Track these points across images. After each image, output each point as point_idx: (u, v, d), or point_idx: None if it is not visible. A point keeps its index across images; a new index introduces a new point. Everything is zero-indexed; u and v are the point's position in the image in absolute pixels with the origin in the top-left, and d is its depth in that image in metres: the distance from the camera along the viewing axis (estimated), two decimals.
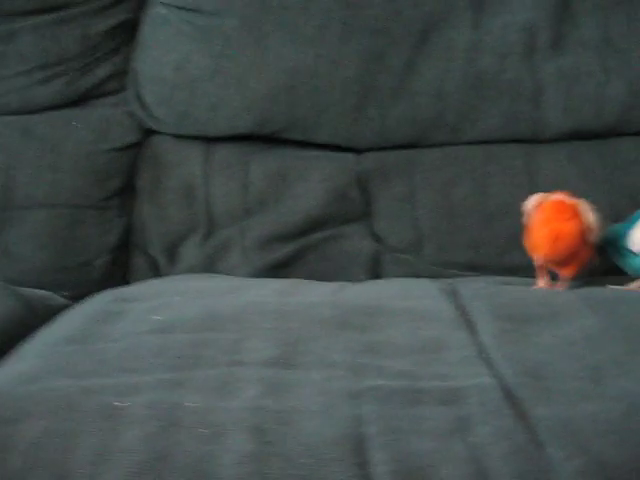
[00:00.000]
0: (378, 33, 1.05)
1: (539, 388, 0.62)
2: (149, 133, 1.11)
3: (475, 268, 1.02)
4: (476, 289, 0.90)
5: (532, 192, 1.02)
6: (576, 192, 0.99)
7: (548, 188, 1.02)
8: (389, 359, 0.68)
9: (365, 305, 0.80)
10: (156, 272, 1.06)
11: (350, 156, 1.07)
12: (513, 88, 1.06)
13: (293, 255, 1.04)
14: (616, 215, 1.02)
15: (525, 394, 0.61)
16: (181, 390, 0.61)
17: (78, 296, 0.98)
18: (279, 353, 0.67)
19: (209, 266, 1.05)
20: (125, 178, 1.09)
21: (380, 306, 0.80)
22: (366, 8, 1.05)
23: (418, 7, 1.06)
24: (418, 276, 1.01)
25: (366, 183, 1.06)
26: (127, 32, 1.12)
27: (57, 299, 0.97)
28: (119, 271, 1.07)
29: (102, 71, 1.11)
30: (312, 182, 1.05)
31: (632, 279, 0.95)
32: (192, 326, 0.73)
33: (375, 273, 1.03)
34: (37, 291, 0.96)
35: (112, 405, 0.58)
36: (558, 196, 0.93)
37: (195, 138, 1.09)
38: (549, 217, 0.91)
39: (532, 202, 0.93)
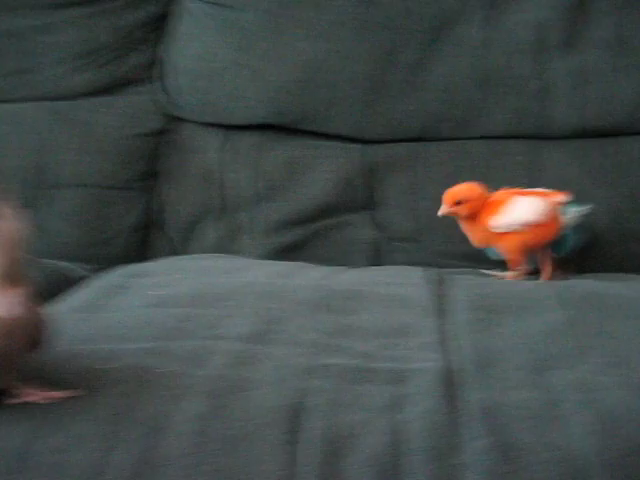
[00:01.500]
0: (390, 29, 1.12)
1: (479, 375, 0.69)
2: (173, 120, 1.21)
3: (471, 259, 1.08)
4: (462, 279, 0.97)
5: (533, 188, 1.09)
6: (577, 190, 1.05)
7: (550, 185, 1.08)
8: (352, 341, 0.76)
9: (346, 289, 0.89)
10: (173, 251, 1.17)
11: (358, 147, 1.14)
12: (520, 85, 1.11)
13: (300, 240, 1.13)
14: (615, 214, 1.07)
15: (463, 380, 0.68)
16: (158, 358, 0.71)
17: (101, 270, 1.10)
18: (254, 330, 0.77)
19: (221, 247, 1.15)
20: (149, 162, 1.20)
21: (360, 291, 0.89)
22: (379, 5, 1.12)
23: (430, 4, 1.12)
24: (416, 265, 1.08)
25: (372, 174, 1.13)
26: (157, 24, 1.23)
27: (78, 271, 1.09)
28: (140, 248, 1.19)
29: (132, 61, 1.22)
30: (320, 171, 1.13)
31: None
32: (182, 302, 0.84)
33: (376, 260, 1.11)
34: (60, 263, 1.08)
35: (95, 368, 0.68)
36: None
37: (214, 126, 1.19)
38: None
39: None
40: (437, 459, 0.58)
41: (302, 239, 1.13)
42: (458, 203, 1.01)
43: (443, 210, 1.02)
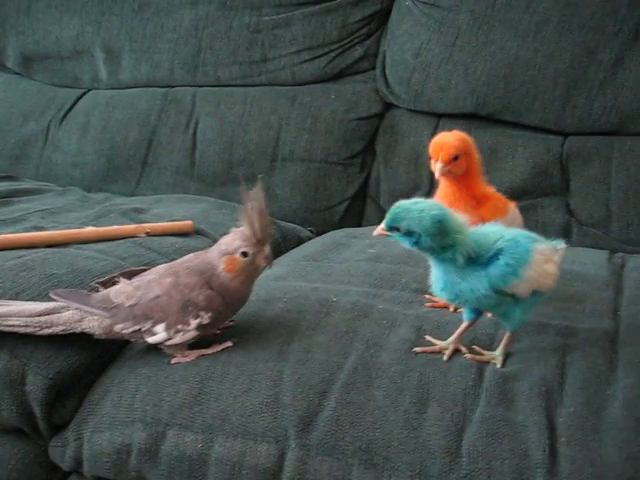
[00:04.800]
0: (592, 30, 1.31)
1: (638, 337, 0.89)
2: (389, 107, 1.48)
3: None
4: None
5: None
6: None
7: None
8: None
9: None
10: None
11: (555, 138, 1.35)
12: None
13: None
14: None
15: (622, 340, 0.88)
16: (376, 299, 0.98)
17: (320, 232, 1.40)
18: None
19: None
20: (367, 142, 1.48)
21: None
22: (583, 7, 1.31)
23: (633, 7, 1.29)
24: (602, 249, 1.27)
25: (567, 163, 1.33)
26: (379, 20, 1.50)
27: (304, 232, 1.40)
28: (354, 216, 1.47)
29: (356, 53, 1.50)
30: (519, 158, 1.35)
31: None
32: (395, 260, 1.10)
33: (565, 242, 1.31)
34: (290, 224, 1.39)
35: (329, 299, 0.96)
36: None
37: (426, 113, 1.44)
38: None
39: None
40: (590, 388, 0.79)
41: None
42: (456, 158, 0.86)
43: (441, 169, 0.88)
